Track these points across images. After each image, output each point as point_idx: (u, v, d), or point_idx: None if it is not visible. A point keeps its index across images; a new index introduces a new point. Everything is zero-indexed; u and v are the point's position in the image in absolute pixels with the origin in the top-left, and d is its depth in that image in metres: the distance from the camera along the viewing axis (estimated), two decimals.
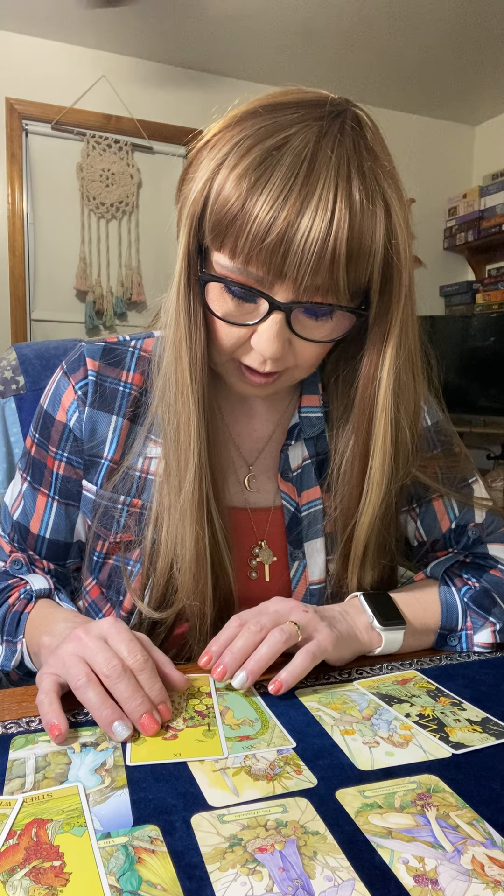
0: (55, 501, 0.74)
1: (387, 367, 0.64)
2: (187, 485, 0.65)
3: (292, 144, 0.55)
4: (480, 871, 0.39)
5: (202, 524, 0.66)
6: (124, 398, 0.72)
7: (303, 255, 0.55)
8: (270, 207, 0.54)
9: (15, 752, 0.50)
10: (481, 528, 0.80)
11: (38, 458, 0.75)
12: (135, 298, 3.29)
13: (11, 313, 3.12)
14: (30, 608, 0.69)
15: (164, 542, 0.68)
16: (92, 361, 0.72)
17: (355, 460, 0.70)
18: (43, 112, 3.08)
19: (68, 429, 0.72)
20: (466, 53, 3.10)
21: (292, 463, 0.76)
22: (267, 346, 0.61)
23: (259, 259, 0.56)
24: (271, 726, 0.54)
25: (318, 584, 0.76)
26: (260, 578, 0.75)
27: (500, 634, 0.71)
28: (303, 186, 0.54)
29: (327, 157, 0.55)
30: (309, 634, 0.61)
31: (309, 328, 0.62)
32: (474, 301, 3.73)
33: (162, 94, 3.27)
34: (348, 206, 0.55)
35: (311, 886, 0.37)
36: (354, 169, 0.56)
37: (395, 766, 0.49)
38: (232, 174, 0.56)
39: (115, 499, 0.71)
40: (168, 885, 0.37)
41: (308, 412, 0.76)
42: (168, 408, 0.66)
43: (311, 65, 3.24)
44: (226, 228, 0.57)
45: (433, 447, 0.77)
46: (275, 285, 0.58)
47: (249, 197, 0.55)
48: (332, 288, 0.58)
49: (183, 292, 0.63)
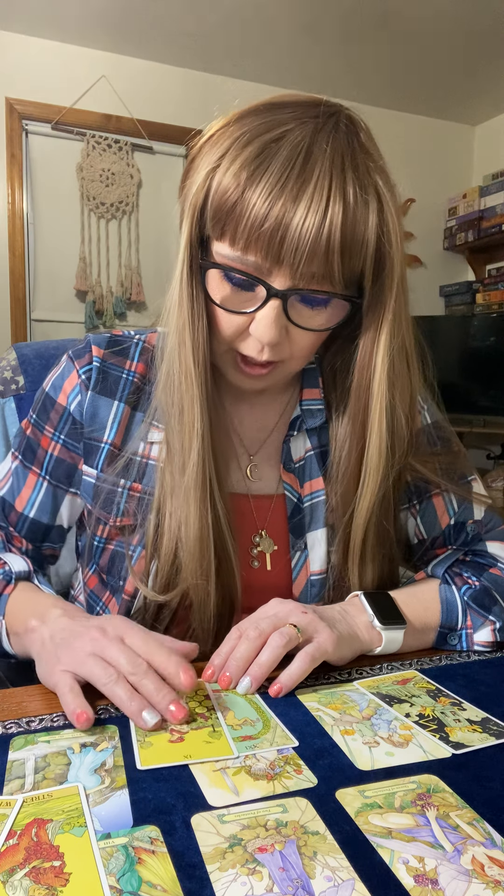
0: (45, 481, 0.76)
1: (381, 353, 0.66)
2: (191, 465, 0.66)
3: (289, 138, 0.58)
4: (480, 871, 0.39)
5: (205, 504, 0.67)
6: (126, 385, 0.74)
7: (299, 242, 0.57)
8: (268, 196, 0.57)
9: (15, 752, 0.50)
10: (480, 524, 0.80)
11: (33, 438, 0.76)
12: (135, 298, 3.29)
13: (11, 313, 3.12)
14: (9, 590, 0.70)
15: (168, 525, 0.69)
16: (97, 349, 0.74)
17: (352, 447, 0.71)
18: (43, 112, 3.08)
19: (68, 412, 0.74)
20: (466, 53, 3.10)
21: (294, 454, 0.77)
22: (265, 332, 0.62)
23: (257, 246, 0.59)
24: (273, 726, 0.54)
25: (319, 574, 0.76)
26: (262, 567, 0.76)
27: (500, 633, 0.71)
28: (299, 176, 0.57)
29: (322, 150, 0.58)
30: (309, 636, 0.62)
31: (305, 317, 0.64)
32: (474, 301, 3.73)
33: (162, 94, 3.27)
34: (342, 196, 0.58)
35: (311, 886, 0.37)
36: (349, 161, 0.59)
37: (395, 766, 0.49)
38: (232, 166, 0.59)
39: (116, 482, 0.73)
40: (168, 886, 0.37)
41: (309, 405, 0.78)
42: (172, 390, 0.68)
43: (311, 65, 3.24)
44: (225, 216, 0.60)
45: (433, 444, 0.78)
46: (272, 272, 0.60)
47: (248, 186, 0.58)
48: (328, 275, 0.60)
49: (185, 281, 0.65)
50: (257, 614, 0.63)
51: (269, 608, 0.64)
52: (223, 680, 0.59)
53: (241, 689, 0.58)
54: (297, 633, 0.60)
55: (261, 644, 0.60)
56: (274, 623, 0.61)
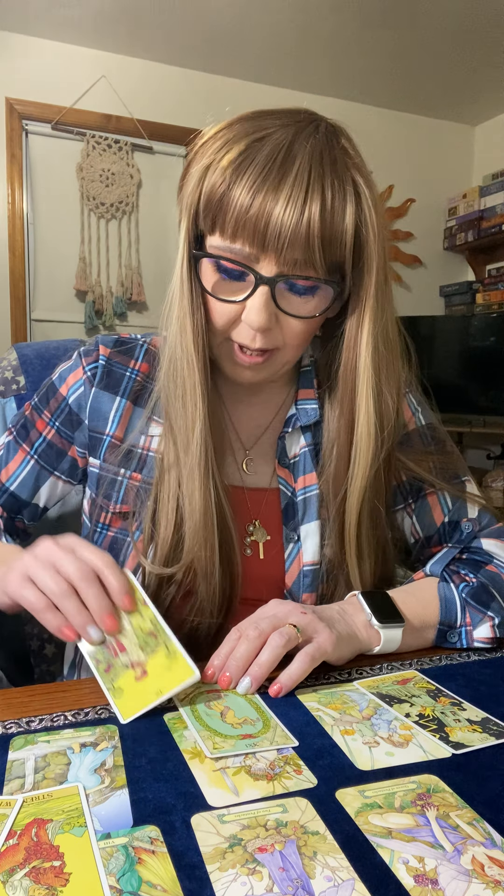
0: (32, 459, 0.82)
1: (364, 336, 0.70)
2: (195, 442, 0.71)
3: (273, 137, 0.64)
4: (480, 871, 0.39)
5: (209, 478, 0.72)
6: (129, 382, 0.79)
7: (281, 229, 0.62)
8: (251, 187, 0.62)
9: (14, 752, 0.50)
10: (475, 522, 0.82)
11: (31, 419, 0.82)
12: (135, 298, 3.29)
13: (11, 313, 3.12)
14: None
15: (167, 508, 0.73)
16: (104, 348, 0.80)
17: (342, 429, 0.75)
18: (43, 112, 3.08)
19: (66, 402, 0.80)
20: (466, 53, 3.10)
21: (289, 451, 0.81)
22: (255, 317, 0.66)
23: (244, 234, 0.64)
24: (273, 725, 0.54)
25: (312, 565, 0.78)
26: (254, 555, 0.79)
27: (499, 629, 0.71)
28: (280, 168, 0.62)
29: (303, 146, 0.64)
30: (308, 636, 0.62)
31: (294, 305, 0.68)
32: (474, 301, 3.73)
33: (162, 94, 3.27)
34: (321, 188, 0.63)
35: (311, 886, 0.37)
36: (327, 157, 0.64)
37: (395, 766, 0.49)
38: (220, 164, 0.65)
39: (117, 472, 0.78)
40: (168, 886, 0.37)
41: (304, 404, 0.81)
42: (175, 374, 0.72)
43: (311, 65, 3.24)
44: (215, 210, 0.65)
45: (427, 444, 0.82)
46: (259, 259, 0.65)
47: (234, 181, 0.63)
48: (310, 262, 0.65)
49: (185, 275, 0.70)
50: (257, 615, 0.64)
51: (269, 609, 0.64)
52: (223, 680, 0.59)
53: (241, 689, 0.58)
54: (297, 633, 0.61)
55: (260, 644, 0.60)
56: (273, 623, 0.61)
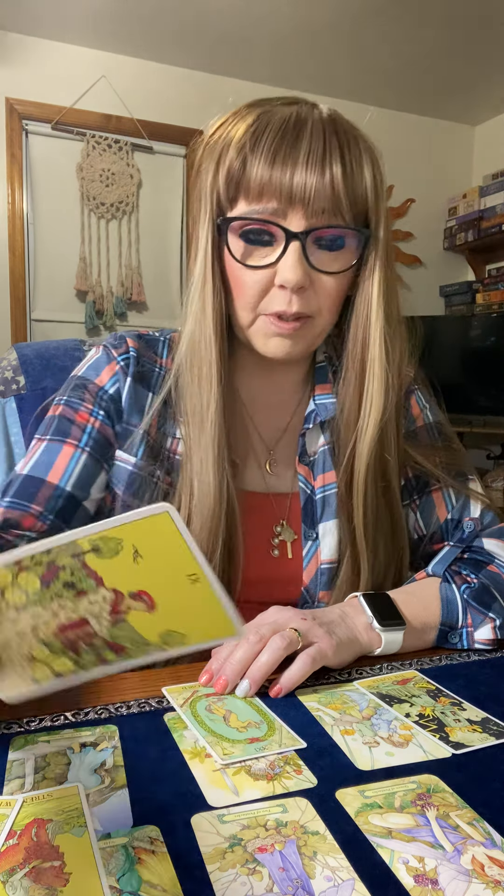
0: (84, 452, 0.74)
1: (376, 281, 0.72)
2: (209, 421, 0.71)
3: (280, 110, 0.68)
4: (480, 871, 0.39)
5: (223, 456, 0.72)
6: (158, 378, 0.79)
7: (307, 179, 0.64)
8: (271, 147, 0.65)
9: (14, 752, 0.50)
10: (478, 522, 0.82)
11: (66, 416, 0.75)
12: (135, 298, 3.28)
13: (11, 313, 3.12)
14: None
15: (187, 487, 0.73)
16: (132, 341, 0.79)
17: (355, 371, 0.76)
18: (43, 112, 3.08)
19: (105, 391, 0.76)
20: (466, 53, 3.10)
21: (309, 448, 0.82)
22: (291, 274, 0.67)
23: (270, 190, 0.65)
24: (277, 727, 0.54)
25: (329, 563, 0.79)
26: (282, 556, 0.80)
27: (500, 630, 0.71)
28: (294, 128, 0.66)
29: (311, 115, 0.68)
30: (309, 641, 0.62)
31: (325, 262, 0.69)
32: (474, 301, 3.72)
33: (162, 94, 3.26)
34: (338, 144, 0.66)
35: (311, 886, 0.37)
36: (338, 123, 0.68)
37: (395, 766, 0.49)
38: (234, 143, 0.67)
39: (153, 472, 0.76)
40: (168, 886, 0.37)
41: (322, 399, 0.82)
42: (193, 353, 0.73)
43: (311, 65, 3.24)
44: (238, 178, 0.67)
45: (435, 440, 0.83)
46: (287, 215, 0.66)
47: (252, 146, 0.66)
48: (337, 209, 0.67)
49: (210, 259, 0.71)
50: (257, 621, 0.64)
51: (269, 615, 0.64)
52: (219, 684, 0.59)
53: (239, 692, 0.58)
54: (298, 637, 0.61)
55: (260, 648, 0.60)
56: (274, 629, 0.61)
